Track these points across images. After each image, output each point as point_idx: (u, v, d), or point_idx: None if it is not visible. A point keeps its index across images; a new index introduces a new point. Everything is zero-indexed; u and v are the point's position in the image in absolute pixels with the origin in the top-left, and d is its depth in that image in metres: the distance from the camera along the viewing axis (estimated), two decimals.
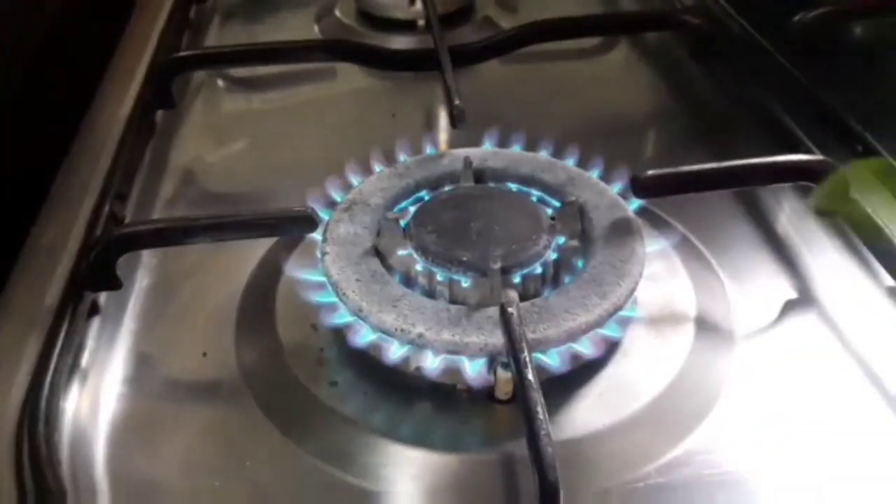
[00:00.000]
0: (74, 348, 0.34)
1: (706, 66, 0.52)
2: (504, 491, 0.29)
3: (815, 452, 0.30)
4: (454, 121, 0.42)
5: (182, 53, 0.53)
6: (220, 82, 0.55)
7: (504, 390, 0.31)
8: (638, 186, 0.35)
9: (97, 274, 0.36)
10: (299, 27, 0.60)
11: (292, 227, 0.35)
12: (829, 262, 0.38)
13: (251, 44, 0.55)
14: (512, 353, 0.28)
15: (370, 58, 0.51)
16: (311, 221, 0.34)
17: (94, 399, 0.33)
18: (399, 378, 0.32)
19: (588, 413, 0.31)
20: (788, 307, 0.36)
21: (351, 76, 0.53)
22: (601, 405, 0.31)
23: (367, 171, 0.40)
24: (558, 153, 0.40)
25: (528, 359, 0.28)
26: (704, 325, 0.34)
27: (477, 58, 0.50)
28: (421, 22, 0.57)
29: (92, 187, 0.42)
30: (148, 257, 0.39)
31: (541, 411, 0.27)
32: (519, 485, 0.29)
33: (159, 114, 0.50)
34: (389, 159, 0.40)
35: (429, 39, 0.50)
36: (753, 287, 0.37)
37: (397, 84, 0.53)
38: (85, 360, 0.34)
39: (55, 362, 0.32)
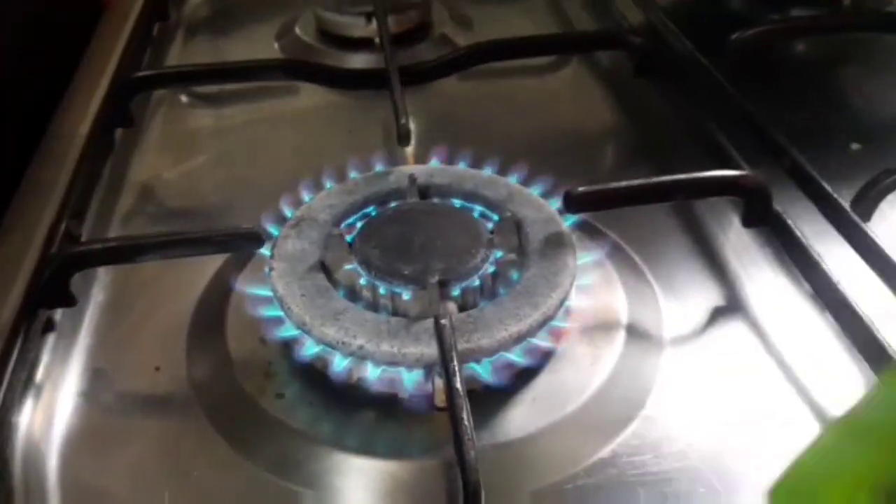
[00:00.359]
0: (28, 364, 0.35)
1: (651, 84, 0.54)
2: (445, 494, 0.31)
3: (738, 454, 0.32)
4: (400, 139, 0.43)
5: (141, 73, 0.54)
6: (183, 98, 0.56)
7: (441, 398, 0.32)
8: (569, 202, 0.36)
9: (52, 291, 0.37)
10: (260, 45, 0.61)
11: (240, 243, 0.37)
12: (757, 271, 0.40)
13: (209, 63, 0.56)
14: (442, 363, 0.30)
15: (323, 76, 0.52)
16: (257, 238, 0.36)
17: (48, 413, 0.34)
18: (344, 389, 0.34)
19: (520, 418, 0.32)
20: (717, 314, 0.38)
21: (312, 93, 0.54)
22: (533, 410, 0.33)
23: (318, 187, 0.41)
24: (503, 170, 0.42)
25: (456, 367, 0.29)
26: (635, 333, 0.36)
27: (427, 76, 0.51)
28: (378, 40, 0.59)
29: (49, 205, 0.43)
30: (103, 273, 0.40)
31: (465, 417, 0.28)
32: (458, 488, 0.31)
33: (119, 131, 0.51)
34: (341, 176, 0.42)
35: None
36: (684, 295, 0.38)
37: (356, 101, 0.54)
38: (39, 375, 0.35)
39: (8, 379, 0.33)
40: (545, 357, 0.34)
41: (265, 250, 0.37)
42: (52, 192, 0.44)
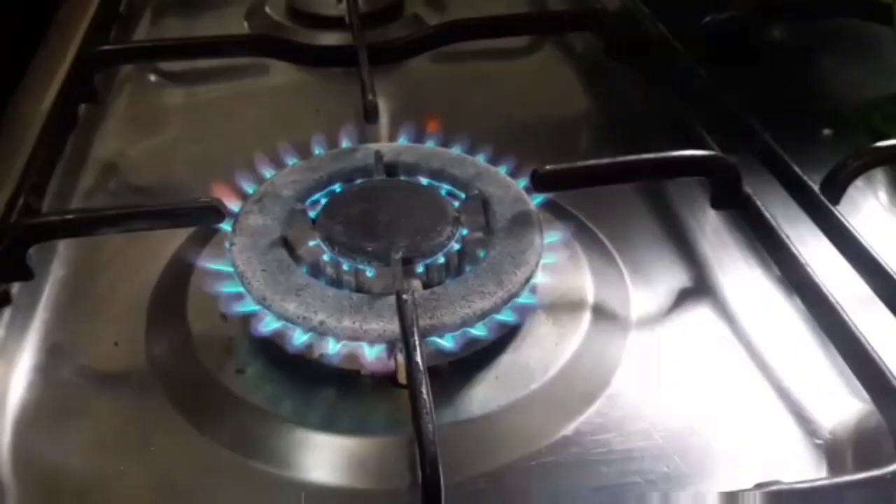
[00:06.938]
0: None
1: (623, 67, 0.54)
2: (407, 470, 0.30)
3: (701, 435, 0.31)
4: (367, 116, 0.43)
5: (106, 47, 0.53)
6: (151, 76, 0.55)
7: (404, 375, 0.32)
8: (537, 181, 0.36)
9: (8, 264, 0.36)
10: (230, 23, 0.60)
11: (200, 217, 0.36)
12: (725, 254, 0.39)
13: (176, 38, 0.55)
14: (403, 337, 0.30)
15: (291, 53, 0.51)
16: (217, 212, 0.35)
17: (3, 388, 0.33)
18: (305, 366, 0.33)
19: (484, 395, 0.32)
20: (684, 296, 0.37)
21: (282, 72, 0.54)
22: (497, 388, 0.32)
23: (282, 164, 0.40)
24: (471, 150, 0.41)
25: (416, 342, 0.29)
26: (602, 312, 0.36)
27: (396, 55, 0.51)
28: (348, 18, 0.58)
29: (8, 179, 0.42)
30: (63, 248, 0.40)
31: (425, 391, 0.28)
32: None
33: (83, 107, 0.50)
34: (306, 153, 0.41)
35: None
36: (652, 277, 0.38)
37: (326, 81, 0.54)
38: None
39: None
40: (509, 334, 0.34)
41: (227, 225, 0.36)
42: (11, 165, 0.43)
